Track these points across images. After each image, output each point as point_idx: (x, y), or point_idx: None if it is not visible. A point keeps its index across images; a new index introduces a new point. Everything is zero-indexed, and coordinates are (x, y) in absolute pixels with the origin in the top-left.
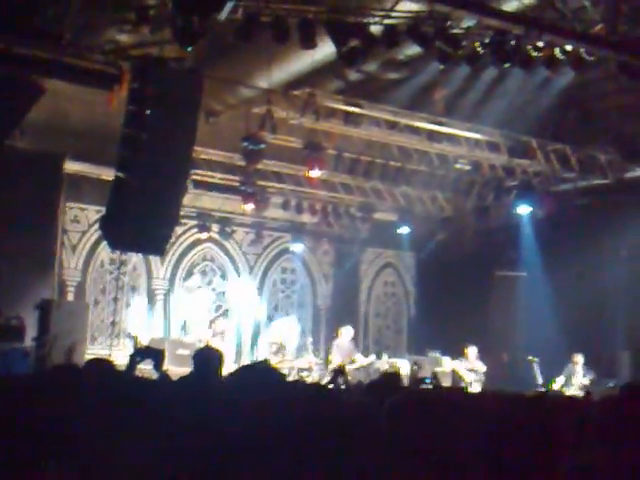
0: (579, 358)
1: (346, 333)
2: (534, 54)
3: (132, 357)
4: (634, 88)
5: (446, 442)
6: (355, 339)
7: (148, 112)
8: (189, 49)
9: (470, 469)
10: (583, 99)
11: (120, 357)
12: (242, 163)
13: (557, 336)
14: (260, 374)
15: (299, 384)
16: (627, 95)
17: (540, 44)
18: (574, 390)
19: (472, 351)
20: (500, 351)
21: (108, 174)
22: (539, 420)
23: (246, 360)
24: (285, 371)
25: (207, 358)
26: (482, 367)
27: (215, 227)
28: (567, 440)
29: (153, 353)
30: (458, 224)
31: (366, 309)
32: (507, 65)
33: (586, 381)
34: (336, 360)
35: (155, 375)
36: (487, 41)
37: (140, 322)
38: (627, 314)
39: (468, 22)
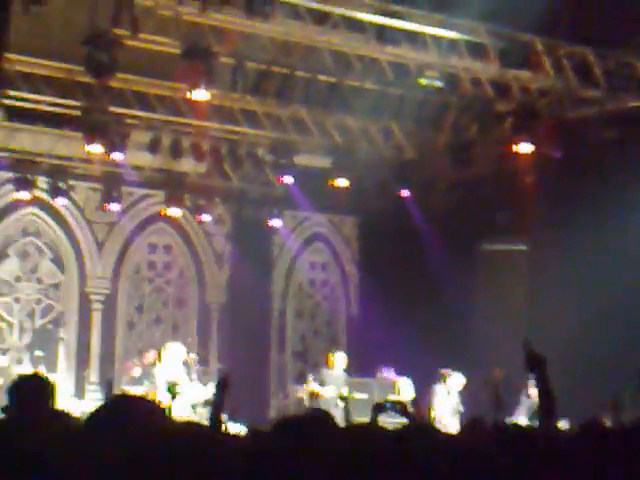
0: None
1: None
2: None
3: None
4: None
5: None
6: (264, 353)
7: None
8: None
9: None
10: None
11: None
12: (85, 79)
13: (578, 340)
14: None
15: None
16: None
17: None
18: None
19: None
20: (491, 365)
21: None
22: None
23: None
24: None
25: (30, 391)
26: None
27: (42, 181)
28: None
29: None
30: (424, 172)
31: (282, 306)
32: None
33: None
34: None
35: None
36: None
37: None
38: None
39: None
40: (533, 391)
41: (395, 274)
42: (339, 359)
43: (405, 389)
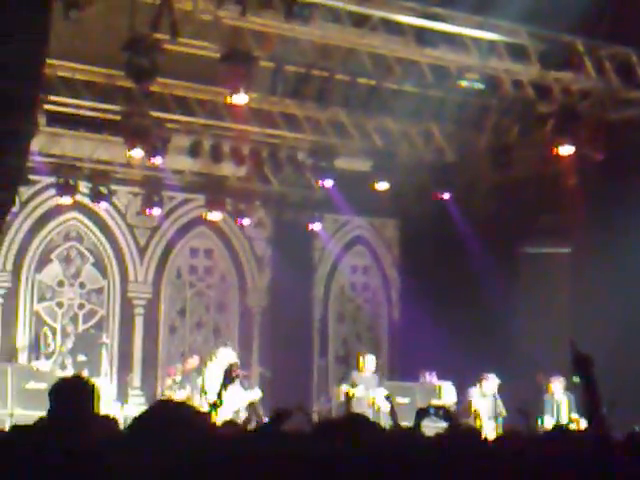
0: None
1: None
2: None
3: None
4: None
5: None
6: (306, 357)
7: None
8: None
9: None
10: None
11: None
12: (125, 84)
13: (623, 343)
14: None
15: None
16: None
17: None
18: None
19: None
20: (534, 370)
21: None
22: None
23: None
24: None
25: (73, 393)
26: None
27: (84, 186)
28: None
29: None
30: (465, 175)
31: (323, 310)
32: None
33: None
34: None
35: None
36: None
37: None
38: None
39: None
40: (556, 388)
41: (436, 277)
42: (369, 362)
43: (447, 393)
